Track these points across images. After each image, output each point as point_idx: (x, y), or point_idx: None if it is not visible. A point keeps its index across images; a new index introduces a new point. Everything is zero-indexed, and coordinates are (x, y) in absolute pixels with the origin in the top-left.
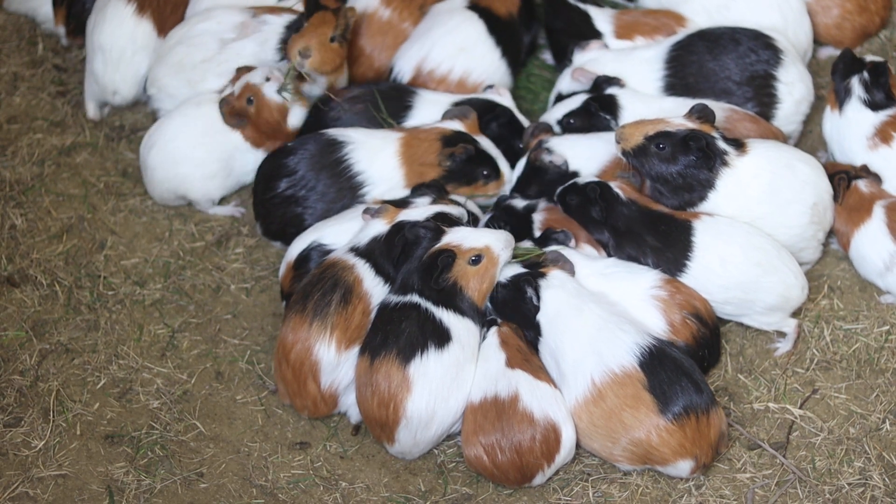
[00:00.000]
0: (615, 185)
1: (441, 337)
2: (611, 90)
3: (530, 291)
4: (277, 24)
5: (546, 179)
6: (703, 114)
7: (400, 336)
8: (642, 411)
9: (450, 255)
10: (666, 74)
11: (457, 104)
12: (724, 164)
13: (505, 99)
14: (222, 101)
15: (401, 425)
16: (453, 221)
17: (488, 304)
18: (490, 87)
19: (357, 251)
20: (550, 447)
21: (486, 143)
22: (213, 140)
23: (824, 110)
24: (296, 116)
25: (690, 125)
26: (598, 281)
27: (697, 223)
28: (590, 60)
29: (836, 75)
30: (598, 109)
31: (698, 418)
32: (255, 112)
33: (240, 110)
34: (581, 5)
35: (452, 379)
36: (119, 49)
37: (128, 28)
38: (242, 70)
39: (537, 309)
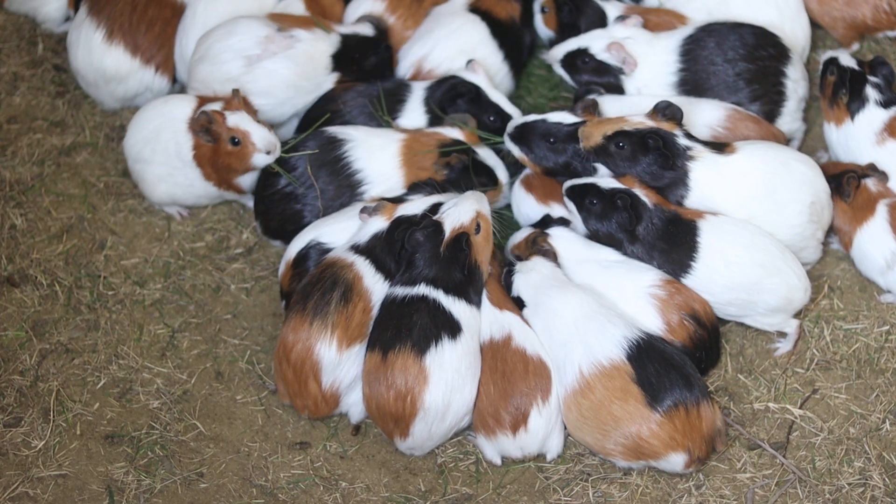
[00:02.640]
0: (641, 193)
1: (453, 327)
2: (592, 96)
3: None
4: (309, 41)
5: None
6: (667, 111)
7: (413, 328)
8: (631, 404)
9: (466, 236)
10: (681, 68)
11: (434, 83)
12: (690, 159)
13: (479, 77)
14: (206, 113)
15: (418, 417)
16: None
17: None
18: (469, 61)
19: (357, 249)
20: (544, 383)
21: (485, 153)
22: (160, 140)
23: (825, 124)
24: (249, 179)
25: (651, 123)
26: (594, 269)
27: (703, 223)
28: (628, 38)
29: (840, 92)
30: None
31: (688, 411)
32: (226, 152)
33: (216, 136)
34: None
35: (467, 368)
36: (92, 77)
37: (97, 57)
38: (246, 105)
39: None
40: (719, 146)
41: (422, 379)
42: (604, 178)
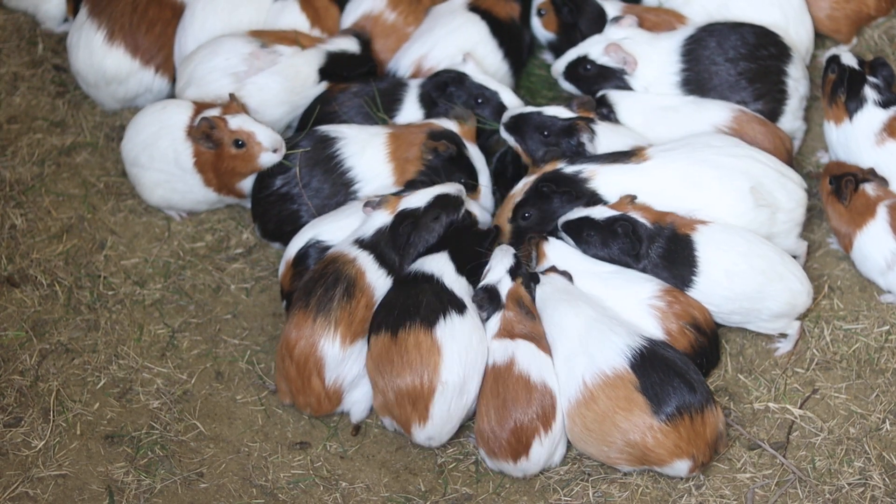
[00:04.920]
0: (638, 215)
1: (458, 305)
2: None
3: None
4: (291, 54)
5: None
6: (546, 157)
7: (419, 306)
8: (635, 413)
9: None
10: (683, 68)
11: (426, 78)
12: (585, 181)
13: (468, 66)
14: (207, 119)
15: (437, 393)
16: (453, 201)
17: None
18: (465, 55)
19: (361, 243)
20: (546, 412)
21: (475, 153)
22: (157, 147)
23: (825, 123)
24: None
25: (532, 177)
26: (592, 281)
27: (697, 236)
28: (625, 38)
29: (839, 91)
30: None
31: (692, 418)
32: (230, 156)
33: (217, 142)
34: None
35: (478, 342)
36: (93, 78)
37: (97, 58)
38: (244, 107)
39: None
40: (624, 155)
41: (435, 351)
42: (597, 208)
